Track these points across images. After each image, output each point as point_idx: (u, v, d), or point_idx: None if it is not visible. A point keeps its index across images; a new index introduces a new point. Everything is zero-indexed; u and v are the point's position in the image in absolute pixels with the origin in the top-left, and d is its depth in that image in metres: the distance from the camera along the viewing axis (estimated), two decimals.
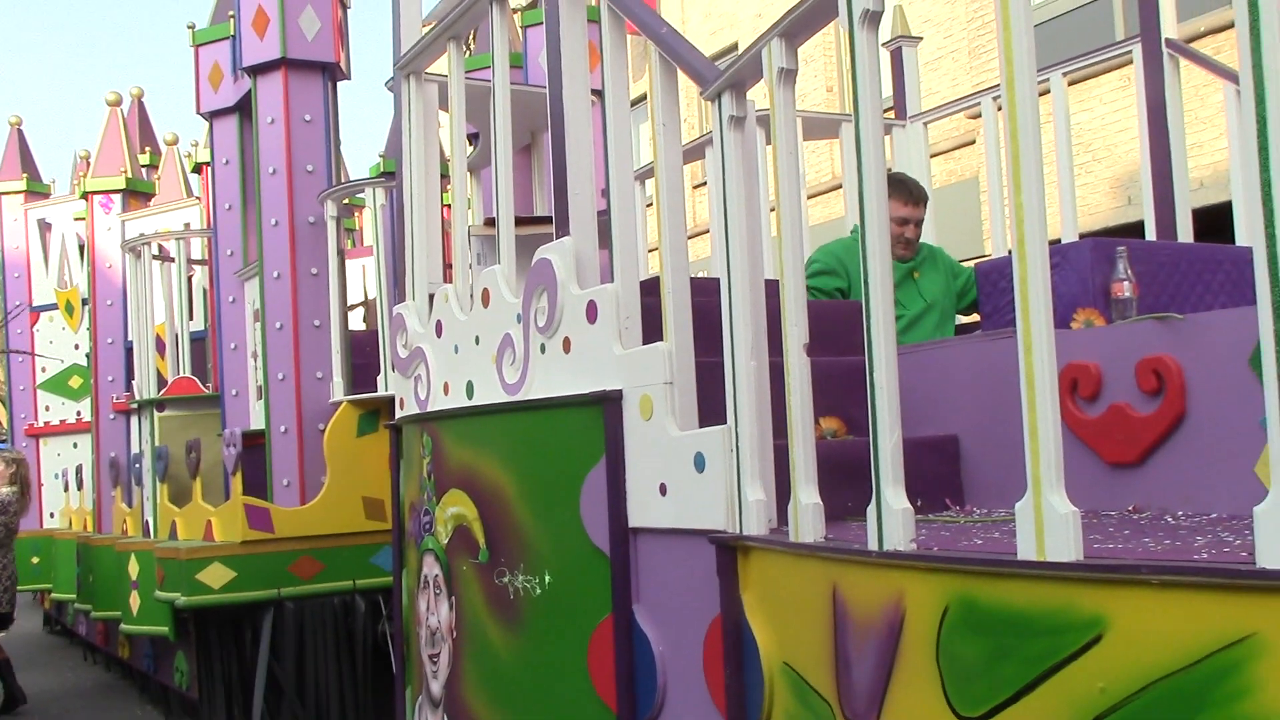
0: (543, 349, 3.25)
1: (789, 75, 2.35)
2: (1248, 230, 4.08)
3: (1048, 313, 1.72)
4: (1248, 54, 1.48)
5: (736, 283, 2.52)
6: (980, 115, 5.38)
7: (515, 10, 6.93)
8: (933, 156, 8.33)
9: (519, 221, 3.78)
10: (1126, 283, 2.78)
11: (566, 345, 3.14)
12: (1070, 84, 4.87)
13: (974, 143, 12.04)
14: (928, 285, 4.28)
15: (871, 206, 2.09)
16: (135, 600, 6.59)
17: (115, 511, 7.97)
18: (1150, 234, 4.29)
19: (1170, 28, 4.31)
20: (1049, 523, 1.71)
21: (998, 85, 5.44)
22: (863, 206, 2.10)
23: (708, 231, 5.62)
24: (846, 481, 2.54)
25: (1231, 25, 1.51)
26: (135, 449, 7.58)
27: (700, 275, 3.47)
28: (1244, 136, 1.51)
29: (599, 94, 3.11)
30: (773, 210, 3.43)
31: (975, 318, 4.60)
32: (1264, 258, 1.48)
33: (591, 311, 3.04)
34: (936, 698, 1.86)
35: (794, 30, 2.33)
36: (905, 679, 1.95)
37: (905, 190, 4.23)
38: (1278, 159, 1.47)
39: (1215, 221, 5.66)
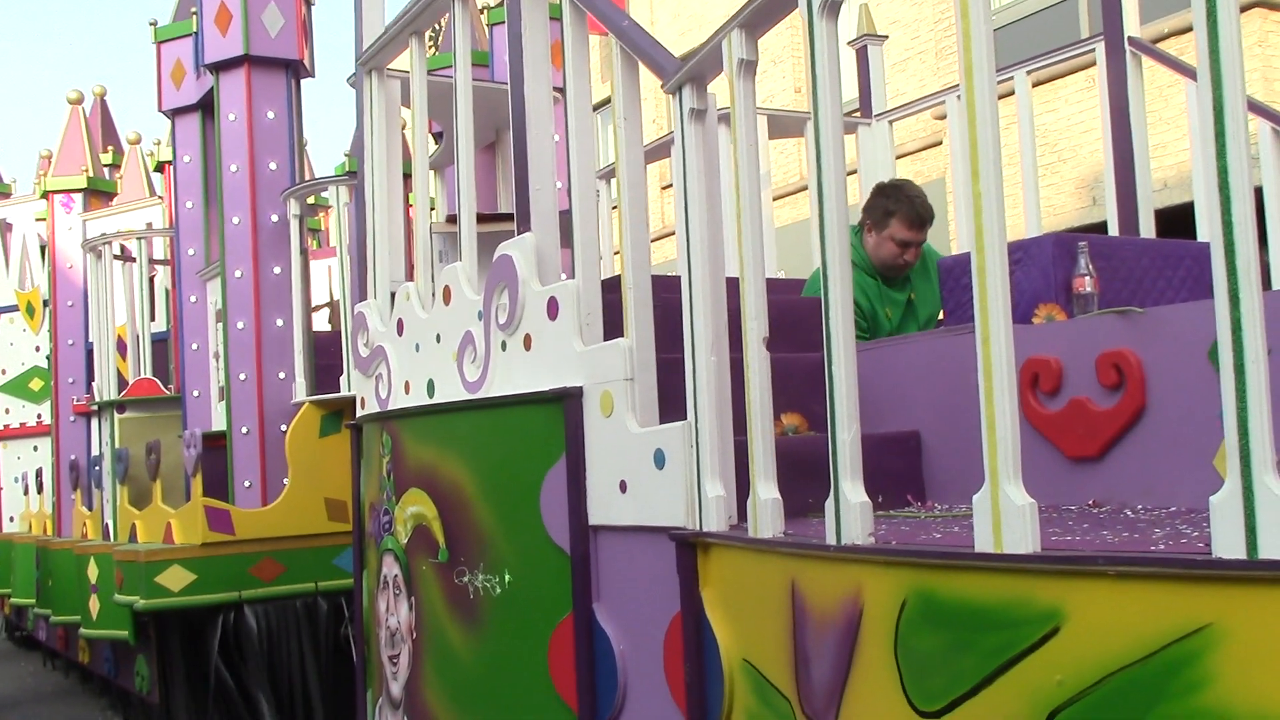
0: (504, 346, 3.22)
1: (749, 67, 2.33)
2: (1209, 228, 4.08)
3: (1005, 303, 1.71)
4: (1204, 38, 1.47)
5: (697, 277, 2.50)
6: (946, 116, 5.39)
7: (482, 9, 6.90)
8: (900, 157, 8.35)
9: (481, 219, 3.74)
10: (1088, 278, 2.77)
11: (527, 342, 3.12)
12: (1036, 85, 4.89)
13: (940, 144, 12.11)
14: (923, 307, 4.25)
15: (830, 198, 2.07)
16: (95, 604, 6.50)
17: (75, 515, 7.86)
18: (1113, 233, 4.30)
19: (1134, 27, 4.33)
20: (1006, 514, 1.70)
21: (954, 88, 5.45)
22: (821, 198, 2.08)
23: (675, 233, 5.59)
24: (808, 478, 2.52)
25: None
26: (95, 451, 7.49)
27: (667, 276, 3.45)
28: (1202, 124, 1.50)
29: (562, 91, 3.09)
30: None
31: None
32: (1220, 248, 1.47)
33: (552, 308, 3.01)
34: (895, 692, 1.84)
35: (754, 21, 2.31)
36: (864, 674, 1.93)
37: (913, 212, 4.03)
38: (1234, 147, 1.46)
39: (1178, 222, 5.69)
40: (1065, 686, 1.58)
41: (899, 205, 4.03)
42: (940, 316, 4.17)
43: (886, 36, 5.96)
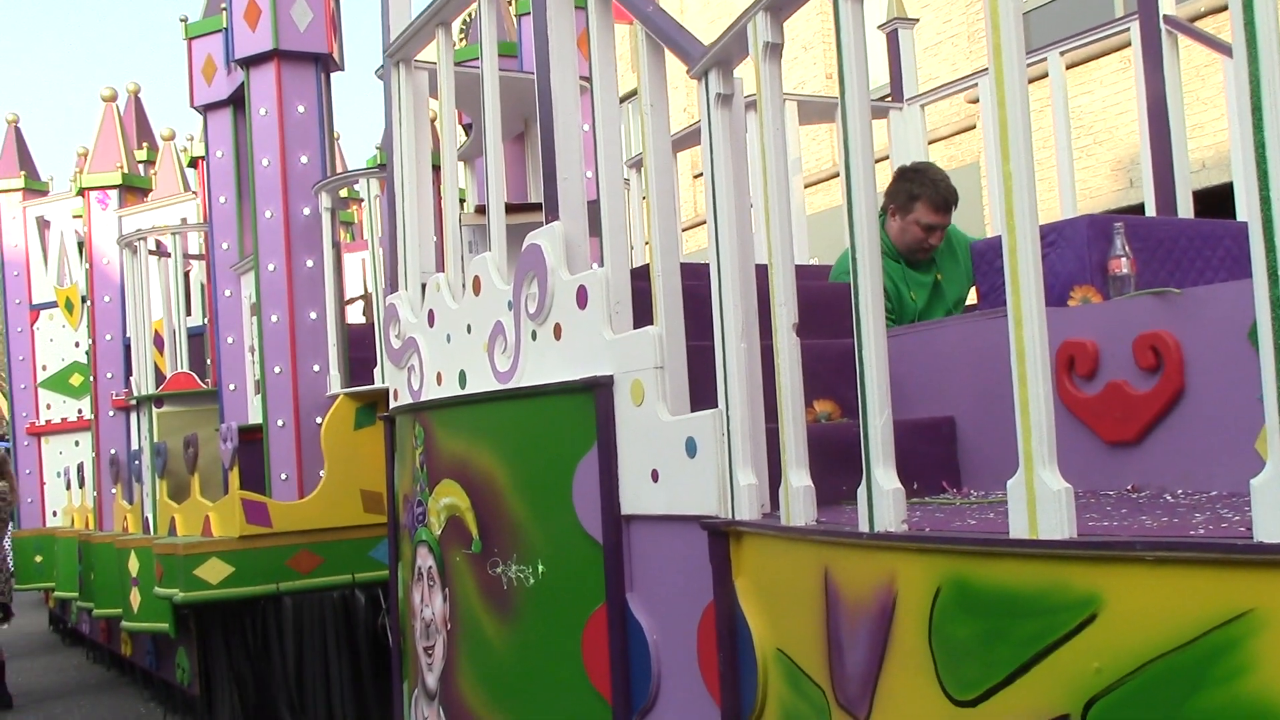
0: (534, 336, 3.21)
1: (775, 50, 2.30)
2: (1248, 207, 4.02)
3: (1038, 285, 1.68)
4: (1239, 12, 1.44)
5: (726, 264, 2.48)
6: (978, 99, 5.32)
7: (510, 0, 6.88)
8: (933, 142, 8.26)
9: (510, 209, 3.74)
10: (1124, 259, 2.73)
11: (557, 331, 3.10)
12: (1070, 67, 4.83)
13: (974, 128, 11.99)
14: (951, 288, 4.20)
15: (859, 183, 2.04)
16: (136, 597, 6.57)
17: (116, 509, 7.95)
18: (1150, 214, 4.24)
19: (1169, 5, 4.26)
20: (1041, 500, 1.67)
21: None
22: (849, 183, 2.05)
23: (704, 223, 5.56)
24: (841, 465, 2.50)
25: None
26: (135, 446, 7.55)
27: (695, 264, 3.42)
28: (1239, 99, 1.46)
29: (589, 80, 3.07)
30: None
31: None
32: (1259, 224, 1.44)
33: (582, 296, 2.99)
34: (929, 681, 1.82)
35: (779, 4, 2.28)
36: (898, 662, 1.90)
37: (937, 196, 3.98)
38: (1272, 122, 1.42)
39: (1217, 203, 5.61)
40: (1103, 674, 1.55)
41: (923, 189, 3.99)
42: (974, 300, 4.13)
43: (917, 20, 5.90)
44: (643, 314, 2.87)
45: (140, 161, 9.65)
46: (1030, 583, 1.67)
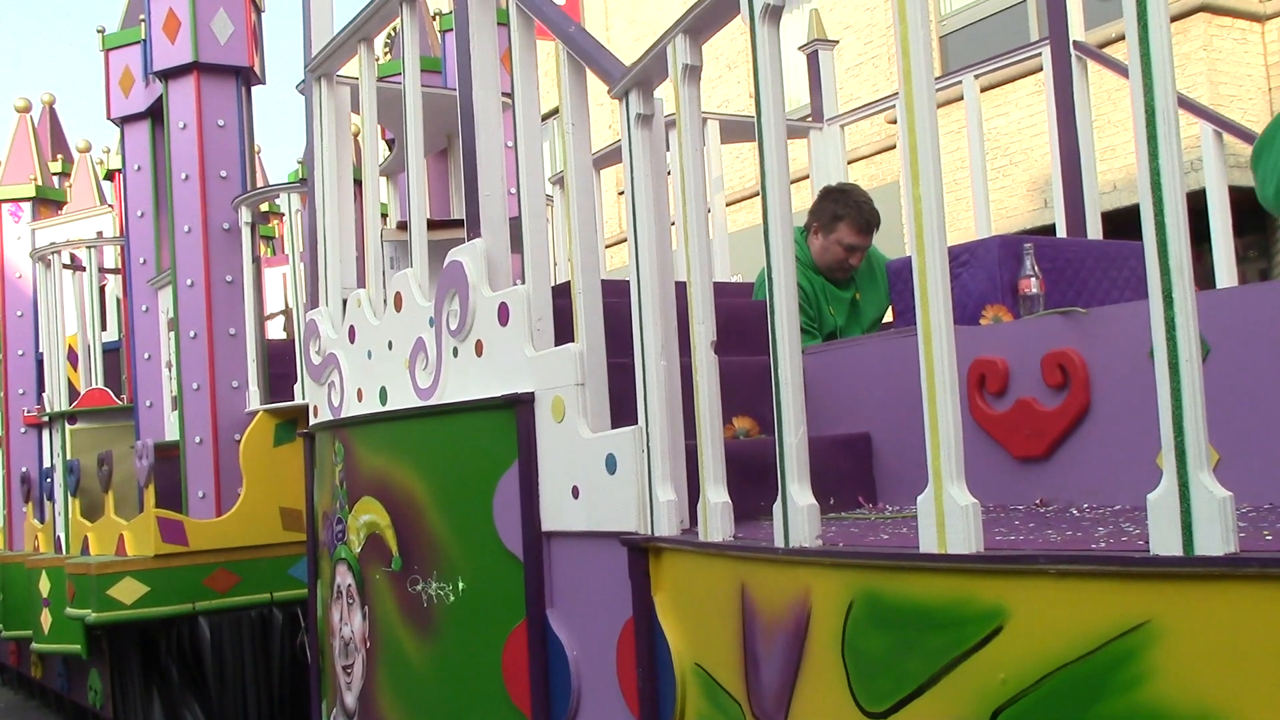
0: (455, 352, 3.20)
1: (694, 72, 2.34)
2: (1144, 231, 4.12)
3: (947, 304, 1.72)
4: (1135, 43, 1.49)
5: (646, 281, 2.50)
6: (897, 120, 5.41)
7: (435, 15, 6.88)
8: (853, 161, 8.37)
9: (432, 225, 3.73)
10: (1033, 279, 2.80)
11: (479, 348, 3.11)
12: (987, 89, 4.93)
13: (894, 148, 12.18)
14: (868, 308, 4.27)
15: (774, 201, 2.08)
16: (47, 618, 6.41)
17: (26, 528, 7.76)
18: (1061, 235, 4.34)
19: (1079, 32, 4.37)
20: (949, 515, 1.71)
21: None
22: (765, 201, 2.09)
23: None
24: (760, 481, 2.53)
25: None
26: (47, 463, 7.39)
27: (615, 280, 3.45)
28: (1135, 127, 1.52)
29: (511, 97, 3.08)
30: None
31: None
32: (1154, 248, 1.49)
33: (503, 313, 3.00)
34: (842, 693, 1.85)
35: (698, 26, 2.32)
36: (812, 676, 1.94)
37: (860, 218, 4.05)
38: (1166, 150, 1.48)
39: (1127, 224, 5.75)
40: (1009, 684, 1.59)
41: (847, 211, 4.06)
42: (890, 319, 4.20)
43: (837, 41, 5.99)
44: (563, 331, 2.89)
45: (55, 174, 9.45)
46: (939, 596, 1.71)
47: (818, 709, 1.92)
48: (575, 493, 2.74)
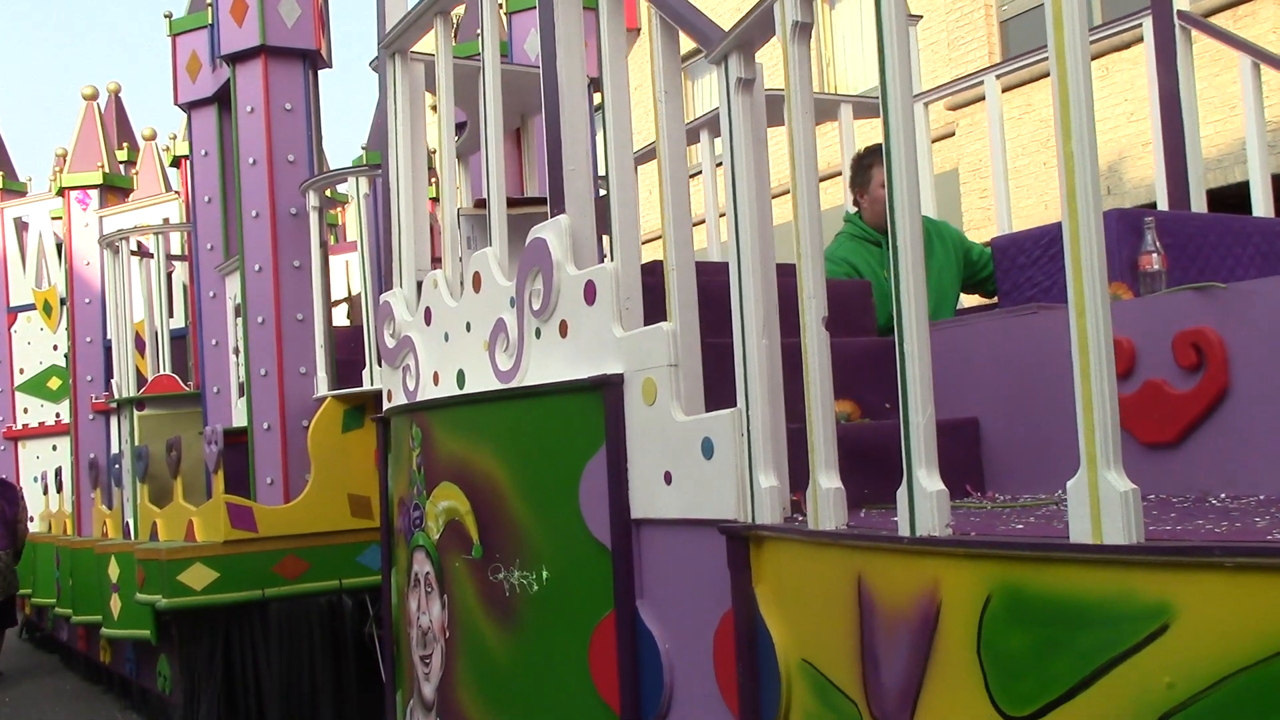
0: (538, 333, 3.09)
1: (804, 29, 2.20)
2: (1264, 204, 3.94)
3: (1102, 274, 1.57)
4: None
5: (746, 257, 2.37)
6: (958, 107, 5.23)
7: None
8: None
9: (510, 203, 3.62)
10: (1155, 254, 2.63)
11: (563, 329, 2.99)
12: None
13: (953, 134, 11.94)
14: (931, 275, 4.13)
15: (900, 170, 1.94)
16: (116, 603, 6.41)
17: (95, 514, 7.78)
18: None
19: (1183, 1, 4.18)
20: (1105, 503, 1.57)
21: (995, 66, 5.32)
22: (890, 166, 1.95)
23: (704, 222, 5.46)
24: (861, 467, 2.40)
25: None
26: (115, 449, 7.40)
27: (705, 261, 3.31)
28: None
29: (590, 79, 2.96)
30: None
31: (977, 299, 4.46)
32: None
33: (590, 292, 2.88)
34: (979, 695, 1.71)
35: None
36: (942, 675, 1.79)
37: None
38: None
39: (1215, 203, 5.53)
40: (1176, 690, 1.45)
41: (873, 157, 4.14)
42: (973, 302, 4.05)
43: (920, 16, 5.80)
44: (652, 311, 2.76)
45: (121, 161, 9.49)
46: (1092, 591, 1.57)
47: (949, 711, 1.78)
48: (668, 479, 2.61)
